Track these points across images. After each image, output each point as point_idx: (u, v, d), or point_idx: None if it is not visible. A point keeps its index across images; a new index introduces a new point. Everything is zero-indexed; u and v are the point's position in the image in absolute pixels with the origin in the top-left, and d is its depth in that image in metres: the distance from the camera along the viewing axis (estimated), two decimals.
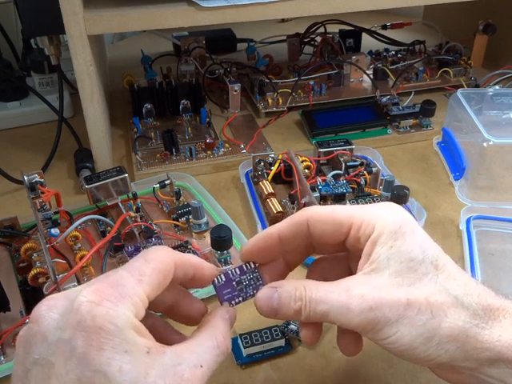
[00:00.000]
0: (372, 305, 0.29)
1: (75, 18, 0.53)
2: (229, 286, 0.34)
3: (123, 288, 0.27)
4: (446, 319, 0.29)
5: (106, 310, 0.25)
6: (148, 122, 0.72)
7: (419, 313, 0.29)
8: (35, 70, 0.78)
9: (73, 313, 0.25)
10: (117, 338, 0.25)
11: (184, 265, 0.32)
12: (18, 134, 0.75)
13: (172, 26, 0.57)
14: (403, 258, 0.30)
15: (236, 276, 0.34)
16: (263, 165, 0.61)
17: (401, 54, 0.89)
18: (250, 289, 0.34)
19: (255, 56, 0.85)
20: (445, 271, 0.30)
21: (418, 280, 0.30)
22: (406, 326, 0.29)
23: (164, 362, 0.26)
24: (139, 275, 0.28)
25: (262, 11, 0.59)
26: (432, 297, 0.29)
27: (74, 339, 0.25)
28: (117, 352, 0.25)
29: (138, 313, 0.27)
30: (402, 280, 0.30)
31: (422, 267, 0.30)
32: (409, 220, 0.32)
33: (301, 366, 0.41)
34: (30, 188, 0.48)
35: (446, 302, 0.29)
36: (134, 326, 0.26)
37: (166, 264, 0.30)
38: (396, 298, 0.29)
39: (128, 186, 0.53)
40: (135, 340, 0.26)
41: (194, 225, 0.52)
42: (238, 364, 0.41)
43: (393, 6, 0.65)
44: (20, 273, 0.48)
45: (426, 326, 0.29)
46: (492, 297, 0.30)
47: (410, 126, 0.71)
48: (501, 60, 0.86)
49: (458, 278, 0.30)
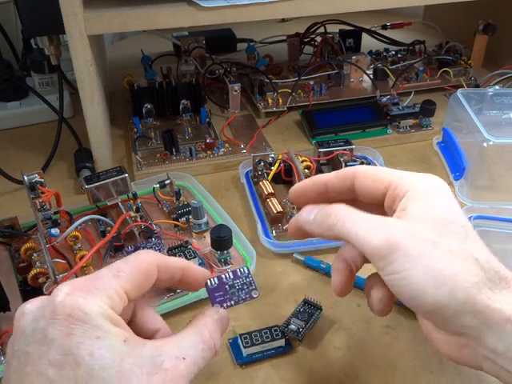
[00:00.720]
0: (399, 233, 0.30)
1: (75, 18, 0.53)
2: (221, 289, 0.34)
3: (98, 281, 0.28)
4: (462, 272, 0.29)
5: (76, 299, 0.26)
6: (148, 122, 0.72)
7: (439, 259, 0.29)
8: (35, 70, 0.78)
9: (48, 304, 0.27)
10: (87, 324, 0.26)
11: (168, 267, 0.32)
12: (18, 134, 0.75)
13: (172, 26, 0.57)
14: (436, 215, 0.31)
15: (229, 280, 0.34)
16: (263, 165, 0.61)
17: (401, 54, 0.89)
18: (243, 293, 0.34)
19: (255, 56, 0.85)
20: (472, 237, 0.31)
21: (446, 234, 0.30)
22: (423, 266, 0.29)
23: (143, 352, 0.27)
24: (117, 271, 0.29)
25: (262, 11, 0.59)
26: (455, 250, 0.30)
27: (46, 327, 0.26)
28: (87, 337, 0.25)
29: (113, 305, 0.27)
30: (432, 230, 0.30)
31: (452, 226, 0.31)
32: (445, 186, 0.34)
33: (301, 366, 0.41)
34: (29, 188, 0.48)
35: (467, 259, 0.29)
36: (107, 315, 0.27)
37: (147, 264, 0.31)
38: (423, 236, 0.30)
39: (128, 185, 0.53)
40: (109, 328, 0.26)
41: (194, 225, 0.52)
42: (237, 364, 0.41)
43: (393, 6, 0.65)
44: (20, 273, 0.48)
45: (443, 271, 0.29)
46: (508, 271, 0.31)
47: (410, 126, 0.71)
48: (501, 60, 0.86)
49: (482, 247, 0.31)
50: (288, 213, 0.56)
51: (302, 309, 0.44)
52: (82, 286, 0.27)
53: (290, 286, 0.48)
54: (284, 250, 0.51)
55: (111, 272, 0.29)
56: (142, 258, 0.31)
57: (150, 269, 0.31)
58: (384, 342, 0.42)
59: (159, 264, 0.31)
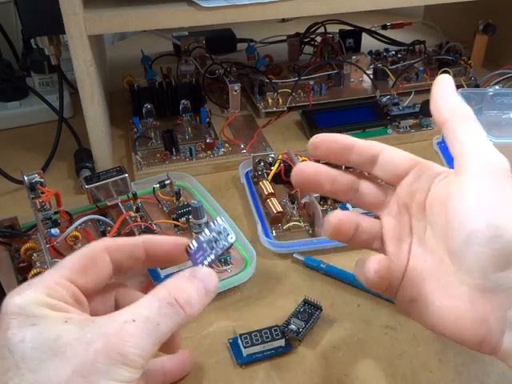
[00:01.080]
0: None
1: (75, 18, 0.53)
2: (200, 249, 0.33)
3: (36, 279, 0.29)
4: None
5: (12, 298, 0.27)
6: (148, 122, 0.72)
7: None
8: (35, 70, 0.78)
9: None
10: (21, 315, 0.26)
11: (119, 245, 0.32)
12: (18, 134, 0.75)
13: (172, 26, 0.57)
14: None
15: (206, 237, 0.33)
16: (263, 165, 0.61)
17: (401, 54, 0.89)
18: (220, 242, 0.33)
19: (255, 56, 0.85)
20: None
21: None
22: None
23: (88, 327, 0.26)
24: (58, 264, 0.30)
25: (262, 11, 0.59)
26: None
27: None
28: (22, 327, 0.26)
29: (51, 293, 0.28)
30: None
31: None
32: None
33: (301, 365, 0.41)
34: (29, 188, 0.48)
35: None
36: (44, 303, 0.27)
37: (91, 248, 0.31)
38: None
39: (128, 185, 0.53)
40: (46, 314, 0.27)
41: (194, 225, 0.52)
42: (238, 364, 0.41)
43: (393, 6, 0.65)
44: (20, 273, 0.48)
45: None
46: None
47: (410, 126, 0.71)
48: (501, 60, 0.86)
49: None
50: (288, 213, 0.56)
51: (301, 309, 0.44)
52: (21, 287, 0.28)
53: (290, 286, 0.48)
54: (284, 250, 0.51)
55: (54, 266, 0.30)
56: (88, 245, 0.31)
57: (96, 252, 0.31)
58: (384, 342, 0.42)
59: (108, 246, 0.31)
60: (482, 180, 0.29)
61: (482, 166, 0.29)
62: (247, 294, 0.47)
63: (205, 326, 0.43)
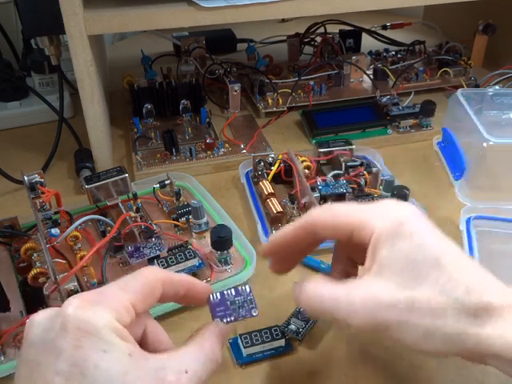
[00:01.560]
0: (373, 310, 0.30)
1: (75, 18, 0.53)
2: (222, 305, 0.35)
3: (106, 295, 0.29)
4: (447, 321, 0.29)
5: (84, 312, 0.27)
6: (148, 122, 0.72)
7: (421, 316, 0.29)
8: (35, 70, 0.78)
9: (58, 316, 0.27)
10: (94, 337, 0.26)
11: (172, 283, 0.33)
12: (18, 134, 0.75)
13: (172, 26, 0.57)
14: (403, 261, 0.31)
15: (230, 296, 0.36)
16: (263, 165, 0.61)
17: (401, 54, 0.89)
18: (243, 310, 0.36)
19: (255, 56, 0.85)
20: (446, 271, 0.30)
21: (419, 282, 0.30)
22: (409, 328, 0.30)
23: (146, 366, 0.28)
24: (124, 285, 0.30)
25: (262, 11, 0.59)
26: (433, 299, 0.30)
27: (56, 338, 0.26)
28: (94, 350, 0.26)
29: (119, 318, 0.28)
30: (403, 283, 0.30)
31: (422, 268, 0.30)
32: (408, 218, 0.32)
33: (301, 365, 0.41)
34: (30, 188, 0.48)
35: (446, 304, 0.29)
36: (114, 328, 0.27)
37: (152, 279, 0.32)
38: (397, 300, 0.30)
39: (128, 186, 0.53)
40: (115, 341, 0.27)
41: (194, 225, 0.52)
42: (238, 364, 0.41)
43: (393, 6, 0.65)
44: (20, 273, 0.48)
45: (429, 328, 0.29)
46: (497, 293, 0.30)
47: (410, 126, 0.71)
48: (501, 60, 0.86)
49: (461, 276, 0.30)
50: (288, 213, 0.56)
51: (302, 309, 0.44)
52: (91, 299, 0.28)
53: (290, 286, 0.48)
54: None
55: (118, 286, 0.30)
56: (148, 273, 0.32)
57: (155, 283, 0.32)
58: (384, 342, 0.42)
59: (164, 279, 0.32)
60: None
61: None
62: None
63: None
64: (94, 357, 0.26)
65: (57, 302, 0.44)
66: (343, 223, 0.34)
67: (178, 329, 0.44)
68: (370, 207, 0.34)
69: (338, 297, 0.32)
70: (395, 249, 0.31)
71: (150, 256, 0.48)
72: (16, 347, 0.41)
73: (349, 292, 0.31)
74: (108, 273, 0.48)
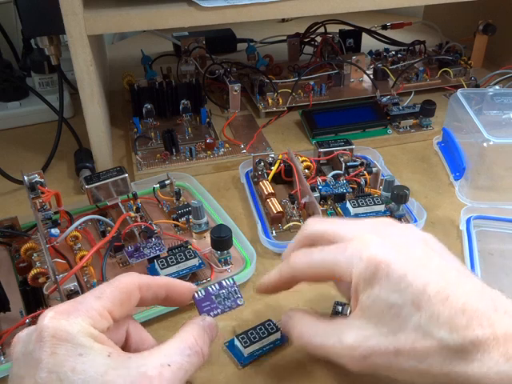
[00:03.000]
0: (364, 355, 0.31)
1: (75, 18, 0.53)
2: (208, 300, 0.36)
3: (80, 304, 0.30)
4: (433, 363, 0.30)
5: (59, 321, 0.28)
6: (148, 122, 0.72)
7: (407, 359, 0.30)
8: (35, 70, 0.78)
9: (35, 330, 0.28)
10: (69, 343, 0.27)
11: (150, 286, 0.34)
12: (18, 134, 0.75)
13: (172, 26, 0.57)
14: (383, 306, 0.31)
15: (215, 291, 0.36)
16: (263, 165, 0.61)
17: (401, 54, 0.89)
18: (229, 302, 0.36)
19: (255, 56, 0.85)
20: (428, 309, 0.29)
21: (401, 326, 0.30)
22: (397, 371, 0.31)
23: (127, 364, 0.28)
24: (99, 293, 0.31)
25: (262, 11, 0.59)
26: (417, 343, 0.30)
27: (34, 350, 0.27)
28: (70, 355, 0.27)
29: (95, 324, 0.29)
30: (387, 329, 0.31)
31: (403, 311, 0.30)
32: (382, 256, 0.31)
33: (302, 363, 0.41)
34: (29, 188, 0.48)
35: (431, 347, 0.29)
36: (90, 333, 0.28)
37: (128, 285, 0.32)
38: (384, 347, 0.30)
39: (128, 186, 0.53)
40: (91, 345, 0.28)
41: (194, 225, 0.52)
42: (240, 365, 0.41)
43: (393, 6, 0.65)
44: (20, 273, 0.48)
45: (416, 370, 0.30)
46: (482, 323, 0.29)
47: (410, 126, 0.71)
48: (501, 60, 0.86)
49: (443, 312, 0.29)
50: (288, 213, 0.56)
51: None
52: (65, 309, 0.29)
53: None
54: (284, 250, 0.51)
55: (93, 294, 0.31)
56: (124, 279, 0.33)
57: (132, 289, 0.32)
58: None
59: (141, 284, 0.33)
60: None
61: None
62: (247, 294, 0.47)
63: None
64: (71, 361, 0.27)
65: (57, 301, 0.44)
66: (322, 272, 0.35)
67: (178, 329, 0.44)
68: (344, 249, 0.33)
69: (330, 341, 0.33)
70: (374, 294, 0.31)
71: (149, 256, 0.48)
72: None
73: (340, 336, 0.32)
74: (108, 273, 0.48)
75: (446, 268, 0.32)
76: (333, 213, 0.54)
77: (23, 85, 0.76)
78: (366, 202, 0.53)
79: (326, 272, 0.34)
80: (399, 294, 0.30)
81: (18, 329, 0.41)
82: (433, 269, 0.31)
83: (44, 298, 0.44)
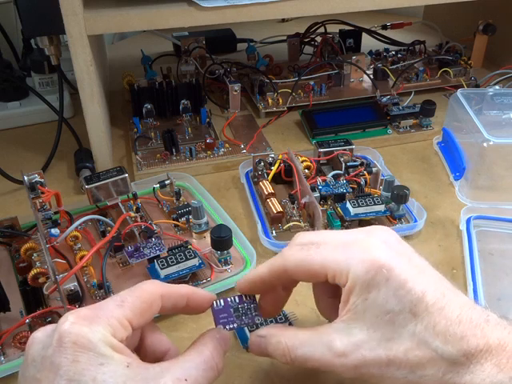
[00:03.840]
0: (356, 364, 0.30)
1: (75, 18, 0.53)
2: (226, 312, 0.35)
3: (101, 311, 0.29)
4: (425, 373, 0.29)
5: (80, 327, 0.28)
6: (148, 122, 0.72)
7: (399, 369, 0.30)
8: (35, 70, 0.78)
9: (55, 333, 0.28)
10: (91, 351, 0.27)
11: (172, 296, 0.33)
12: (18, 134, 0.75)
13: (172, 26, 0.57)
14: (379, 311, 0.30)
15: (234, 304, 0.36)
16: (263, 165, 0.61)
17: (401, 54, 0.89)
18: (246, 318, 0.35)
19: (255, 56, 0.85)
20: (424, 318, 0.29)
21: (396, 334, 0.30)
22: (389, 380, 0.30)
23: (145, 375, 0.28)
24: (120, 301, 0.30)
25: (262, 11, 0.59)
26: (411, 352, 0.29)
27: (54, 354, 0.27)
28: (91, 364, 0.27)
29: (115, 333, 0.29)
30: (380, 335, 0.30)
31: (399, 318, 0.30)
32: (385, 260, 0.31)
33: None
34: (29, 188, 0.48)
35: (424, 357, 0.29)
36: (110, 343, 0.28)
37: (150, 294, 0.32)
38: (377, 355, 0.30)
39: (128, 186, 0.53)
40: (112, 355, 0.27)
41: (194, 225, 0.52)
42: (244, 348, 0.41)
43: (393, 6, 0.65)
44: (20, 273, 0.48)
45: (409, 380, 0.29)
46: (475, 335, 0.29)
47: (410, 126, 0.71)
48: (501, 60, 0.86)
49: (439, 322, 0.29)
50: (288, 213, 0.56)
51: None
52: (86, 315, 0.29)
53: None
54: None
55: (115, 302, 0.30)
56: (146, 288, 0.32)
57: (153, 298, 0.32)
58: None
59: (163, 293, 0.32)
60: None
61: None
62: None
63: (205, 325, 0.43)
64: (92, 370, 0.26)
65: (57, 302, 0.44)
66: (316, 270, 0.33)
67: (178, 329, 0.44)
68: (346, 248, 0.32)
69: (318, 351, 0.31)
70: (370, 298, 0.30)
71: (150, 256, 0.48)
72: (16, 347, 0.41)
73: (329, 344, 0.31)
74: (108, 273, 0.48)
75: (440, 278, 0.32)
76: (333, 213, 0.54)
77: (23, 85, 0.76)
78: (366, 201, 0.53)
79: (319, 270, 0.32)
80: (397, 301, 0.30)
81: (17, 329, 0.41)
82: (430, 278, 0.31)
83: (44, 297, 0.44)
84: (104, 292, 0.46)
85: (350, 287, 0.31)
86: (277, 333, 0.34)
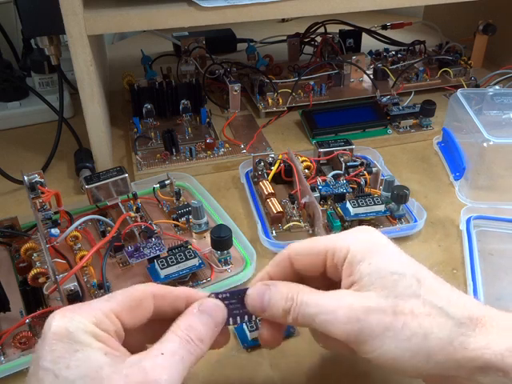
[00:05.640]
0: (360, 315, 0.30)
1: (75, 18, 0.53)
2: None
3: (87, 305, 0.30)
4: (432, 330, 0.29)
5: (61, 318, 0.28)
6: (148, 122, 0.72)
7: (405, 325, 0.29)
8: (35, 70, 0.78)
9: (43, 329, 0.29)
10: (67, 339, 0.27)
11: (165, 295, 0.33)
12: (18, 134, 0.75)
13: (172, 26, 0.57)
14: (384, 273, 0.31)
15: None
16: (263, 165, 0.61)
17: (401, 54, 0.89)
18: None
19: (255, 56, 0.85)
20: (426, 284, 0.31)
21: (402, 293, 0.30)
22: (391, 339, 0.29)
23: (125, 361, 0.28)
24: (108, 297, 0.31)
25: (263, 11, 0.59)
26: (417, 309, 0.30)
27: (38, 348, 0.28)
28: (67, 351, 0.27)
29: (99, 323, 0.29)
30: (387, 292, 0.30)
31: (404, 280, 0.30)
32: (381, 239, 0.33)
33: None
34: (30, 188, 0.48)
35: (431, 313, 0.29)
36: (91, 331, 0.28)
37: (140, 292, 0.32)
38: (383, 308, 0.30)
39: (128, 186, 0.53)
40: (90, 342, 0.28)
41: (194, 225, 0.52)
42: (243, 348, 0.41)
43: (393, 6, 0.65)
44: (20, 273, 0.48)
45: (413, 339, 0.29)
46: (476, 307, 0.30)
47: (410, 126, 0.71)
48: (501, 60, 0.86)
49: (440, 290, 0.31)
50: (288, 213, 0.56)
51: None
52: (71, 308, 0.30)
53: None
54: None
55: (104, 298, 0.31)
56: (137, 287, 0.32)
57: (143, 296, 0.32)
58: None
59: (155, 293, 0.32)
60: None
61: None
62: None
63: None
64: (66, 358, 0.27)
65: (57, 302, 0.44)
66: (318, 246, 0.34)
67: None
68: (341, 233, 0.35)
69: (323, 302, 0.31)
70: (374, 263, 0.31)
71: (150, 256, 0.48)
72: (16, 347, 0.41)
73: (332, 298, 0.31)
74: (108, 273, 0.48)
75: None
76: (333, 213, 0.54)
77: (23, 85, 0.76)
78: (365, 201, 0.53)
79: (321, 249, 0.34)
80: (401, 265, 0.31)
81: (17, 329, 0.41)
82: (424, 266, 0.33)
83: (44, 297, 0.44)
84: (104, 292, 0.46)
85: (352, 257, 0.32)
86: (286, 283, 0.33)
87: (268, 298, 0.32)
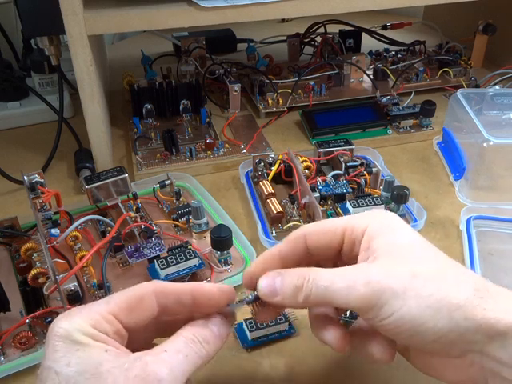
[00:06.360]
0: (380, 278, 0.30)
1: (75, 18, 0.53)
2: None
3: (87, 307, 0.31)
4: (452, 290, 0.29)
5: (62, 321, 0.29)
6: (148, 122, 0.72)
7: (426, 283, 0.29)
8: (35, 70, 0.78)
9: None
10: (68, 339, 0.28)
11: (167, 292, 0.32)
12: (18, 134, 0.75)
13: (172, 26, 0.57)
14: (404, 243, 0.32)
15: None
16: (263, 165, 0.61)
17: (401, 54, 0.89)
18: None
19: (255, 56, 0.85)
20: (442, 255, 0.32)
21: (419, 258, 0.31)
22: (413, 298, 0.29)
23: (124, 357, 0.28)
24: (108, 299, 0.31)
25: (263, 11, 0.59)
26: (436, 270, 0.30)
27: (45, 349, 0.29)
28: (68, 350, 0.28)
29: (96, 324, 0.29)
30: (405, 260, 0.31)
31: (423, 251, 0.32)
32: (399, 219, 0.34)
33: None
34: (30, 188, 0.48)
35: (448, 277, 0.30)
36: (88, 332, 0.29)
37: (140, 290, 0.32)
38: (401, 270, 0.30)
39: (128, 186, 0.53)
40: (88, 342, 0.28)
41: (194, 225, 0.52)
42: (244, 348, 0.42)
43: (393, 6, 0.65)
44: (20, 273, 0.48)
45: (434, 295, 0.29)
46: (482, 278, 0.31)
47: (410, 126, 0.71)
48: (501, 60, 0.86)
49: (454, 266, 0.32)
50: (288, 213, 0.56)
51: None
52: (71, 311, 0.30)
53: None
54: None
55: (104, 300, 0.31)
56: (137, 286, 0.32)
57: (143, 293, 0.32)
58: None
59: (156, 289, 0.32)
60: None
61: None
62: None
63: None
64: (68, 356, 0.28)
65: (57, 302, 0.44)
66: (336, 224, 0.34)
67: None
68: (360, 213, 0.35)
69: (339, 273, 0.31)
70: (392, 237, 0.32)
71: (149, 256, 0.48)
72: (16, 347, 0.41)
73: (347, 269, 0.31)
74: (108, 273, 0.48)
75: None
76: (333, 213, 0.54)
77: (23, 85, 0.76)
78: (366, 202, 0.53)
79: (340, 229, 0.34)
80: (418, 241, 0.32)
81: (18, 329, 0.41)
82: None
83: (44, 298, 0.44)
84: (104, 292, 0.46)
85: (371, 231, 0.33)
86: (296, 269, 0.33)
87: (280, 279, 0.32)
